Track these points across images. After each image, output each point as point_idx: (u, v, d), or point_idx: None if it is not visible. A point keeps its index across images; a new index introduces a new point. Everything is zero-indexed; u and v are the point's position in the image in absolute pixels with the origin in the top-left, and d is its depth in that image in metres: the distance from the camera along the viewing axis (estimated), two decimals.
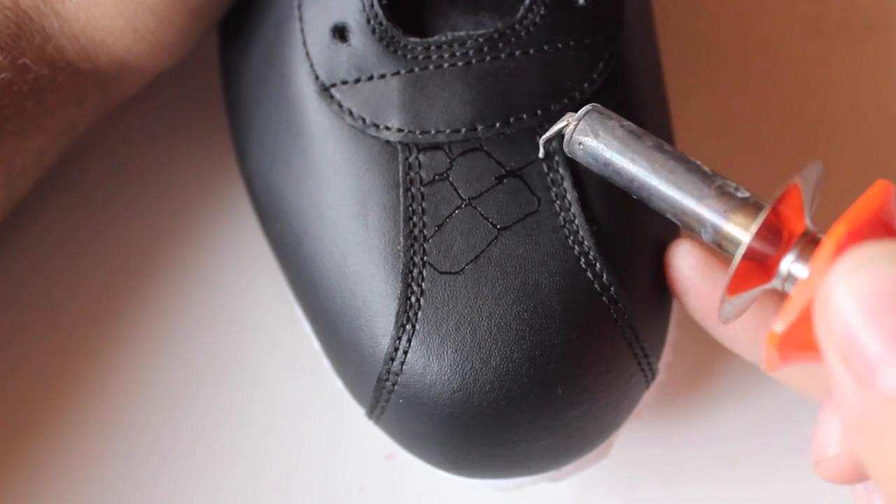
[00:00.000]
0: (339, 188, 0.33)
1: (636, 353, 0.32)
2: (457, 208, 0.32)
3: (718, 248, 0.29)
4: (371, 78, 0.33)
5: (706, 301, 0.33)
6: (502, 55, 0.33)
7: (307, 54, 0.34)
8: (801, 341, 0.26)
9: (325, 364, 0.35)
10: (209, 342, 0.39)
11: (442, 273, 0.32)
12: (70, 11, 0.35)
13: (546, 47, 0.33)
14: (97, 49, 0.36)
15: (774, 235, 0.28)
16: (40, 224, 0.40)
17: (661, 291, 0.33)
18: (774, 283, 0.28)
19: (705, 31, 0.43)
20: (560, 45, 0.33)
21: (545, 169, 0.33)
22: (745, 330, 0.32)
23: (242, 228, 0.39)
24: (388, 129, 0.33)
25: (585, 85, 0.33)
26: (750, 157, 0.42)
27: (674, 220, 0.30)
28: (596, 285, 0.32)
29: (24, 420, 0.38)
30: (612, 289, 0.32)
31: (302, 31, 0.34)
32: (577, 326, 0.31)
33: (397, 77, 0.33)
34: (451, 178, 0.33)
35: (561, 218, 0.32)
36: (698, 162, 0.29)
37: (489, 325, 0.31)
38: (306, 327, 0.36)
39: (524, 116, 0.33)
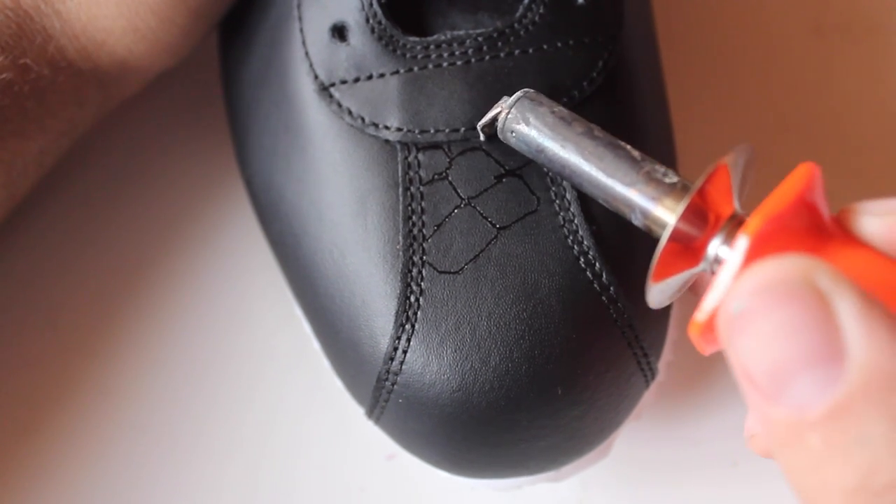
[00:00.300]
0: (339, 187, 0.33)
1: (636, 353, 0.32)
2: (456, 208, 0.32)
3: (650, 232, 0.29)
4: (370, 77, 0.33)
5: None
6: (501, 54, 0.33)
7: (307, 54, 0.34)
8: None
9: (324, 364, 0.35)
10: (209, 342, 0.39)
11: (441, 272, 0.32)
12: (71, 11, 0.35)
13: (545, 46, 0.33)
14: (98, 49, 0.36)
15: (701, 219, 0.27)
16: (40, 224, 0.40)
17: None
18: (703, 267, 0.27)
19: (705, 31, 0.43)
20: (559, 45, 0.33)
21: (544, 168, 0.33)
22: None
23: (242, 228, 0.39)
24: (387, 128, 0.33)
25: (585, 84, 0.33)
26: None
27: (606, 205, 0.30)
28: (595, 285, 0.32)
29: (23, 419, 0.38)
30: (611, 288, 0.32)
31: (301, 30, 0.34)
32: (576, 326, 0.31)
33: (396, 76, 0.33)
34: (450, 178, 0.33)
35: (560, 217, 0.32)
36: (628, 147, 0.29)
37: (488, 325, 0.31)
38: (306, 327, 0.36)
39: None
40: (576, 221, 0.32)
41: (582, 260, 0.32)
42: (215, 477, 0.38)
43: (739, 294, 0.23)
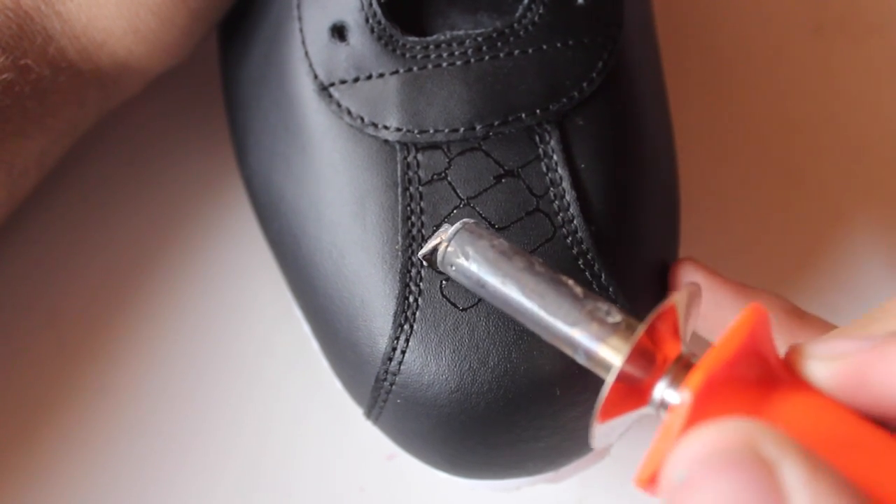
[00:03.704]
0: (338, 187, 0.33)
1: None
2: (455, 208, 0.32)
3: (594, 371, 0.28)
4: (370, 77, 0.33)
5: (709, 320, 0.33)
6: (501, 54, 0.33)
7: (306, 53, 0.34)
8: None
9: (323, 364, 0.35)
10: (208, 342, 0.39)
11: (440, 273, 0.32)
12: (71, 12, 0.35)
13: (545, 47, 0.33)
14: (98, 50, 0.36)
15: (648, 360, 0.26)
16: (40, 223, 0.40)
17: (659, 292, 0.33)
18: (649, 409, 0.27)
19: (705, 30, 0.43)
20: (559, 45, 0.33)
21: (544, 169, 0.33)
22: None
23: (241, 227, 0.39)
24: (386, 128, 0.33)
25: (584, 84, 0.33)
26: (750, 157, 0.42)
27: (550, 343, 0.29)
28: (594, 285, 0.32)
29: (22, 418, 0.38)
30: (610, 289, 0.32)
31: (301, 30, 0.34)
32: None
33: (396, 76, 0.33)
34: (449, 178, 0.33)
35: (559, 218, 0.32)
36: (570, 283, 0.28)
37: (487, 326, 0.31)
38: (305, 327, 0.36)
39: (523, 116, 0.33)
40: (575, 222, 0.32)
41: (581, 261, 0.32)
42: (215, 477, 0.38)
43: (682, 461, 0.23)
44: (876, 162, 0.42)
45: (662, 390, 0.26)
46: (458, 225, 0.30)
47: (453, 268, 0.30)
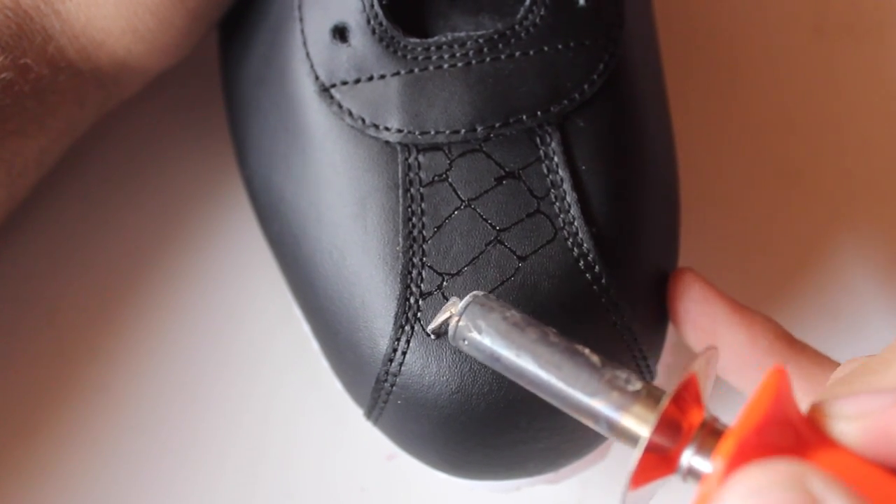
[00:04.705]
0: (339, 189, 0.33)
1: (635, 356, 0.32)
2: (456, 209, 0.32)
3: (617, 440, 0.27)
4: (371, 78, 0.33)
5: (703, 332, 0.33)
6: (502, 56, 0.33)
7: (307, 54, 0.34)
8: None
9: (323, 364, 0.35)
10: (208, 342, 0.39)
11: (441, 274, 0.32)
12: (70, 12, 0.35)
13: (546, 48, 0.33)
14: (98, 49, 0.36)
15: (674, 429, 0.26)
16: (40, 223, 0.40)
17: (659, 294, 0.33)
18: (676, 475, 0.27)
19: (706, 31, 0.43)
20: (560, 46, 0.33)
21: (545, 170, 0.33)
22: (734, 359, 0.33)
23: (242, 228, 0.39)
24: (387, 129, 0.33)
25: (585, 86, 0.33)
26: (750, 157, 0.42)
27: (570, 415, 0.28)
28: (595, 287, 0.32)
29: (21, 417, 0.38)
30: (610, 291, 0.32)
31: (302, 31, 0.34)
32: (575, 328, 0.31)
33: (397, 78, 0.33)
34: (450, 179, 0.33)
35: (560, 219, 0.32)
36: (587, 352, 0.28)
37: None
38: (305, 327, 0.36)
39: (524, 117, 0.33)
40: (576, 224, 0.32)
41: (581, 262, 0.32)
42: (215, 476, 0.38)
43: (732, 498, 0.23)
44: (876, 162, 0.42)
45: (689, 458, 0.26)
46: (468, 298, 0.29)
47: (466, 342, 0.29)
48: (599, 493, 0.38)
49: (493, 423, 0.31)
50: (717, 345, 0.32)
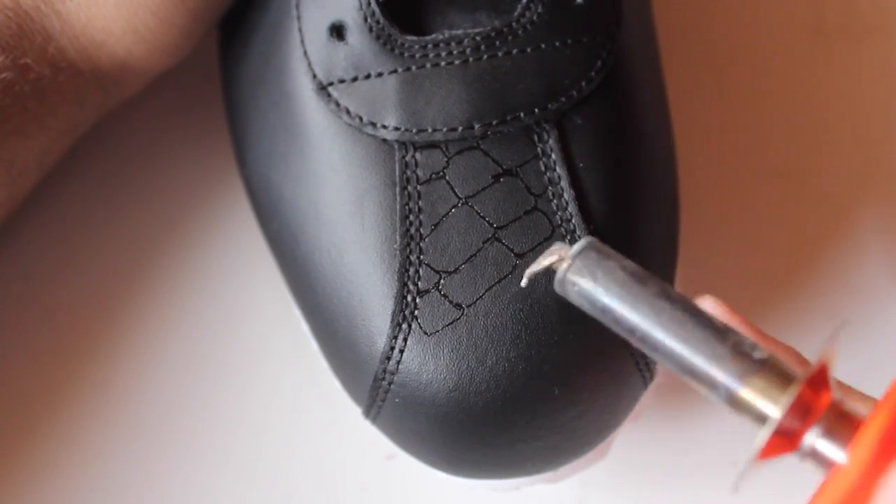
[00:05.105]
0: (336, 186, 0.33)
1: (633, 353, 0.32)
2: (453, 207, 0.32)
3: (732, 411, 0.26)
4: (368, 76, 0.33)
5: None
6: (499, 54, 0.33)
7: (305, 53, 0.34)
8: None
9: (322, 363, 0.35)
10: (207, 341, 0.39)
11: (438, 272, 0.32)
12: (71, 12, 0.35)
13: (543, 46, 0.33)
14: (98, 49, 0.36)
15: (803, 409, 0.25)
16: (39, 223, 0.40)
17: None
18: (796, 454, 0.25)
19: (705, 30, 0.43)
20: (557, 44, 0.33)
21: (542, 168, 0.33)
22: None
23: (240, 227, 0.39)
24: (384, 127, 0.33)
25: (583, 84, 0.33)
26: (750, 157, 0.41)
27: (679, 375, 0.26)
28: None
29: (21, 417, 0.38)
30: None
31: (300, 29, 0.34)
32: (573, 326, 0.31)
33: (394, 75, 0.33)
34: (447, 177, 0.33)
35: (558, 217, 0.32)
36: (708, 313, 0.26)
37: (485, 325, 0.31)
38: (304, 326, 0.36)
39: (521, 115, 0.33)
40: (573, 221, 0.32)
41: None
42: (214, 476, 0.38)
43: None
44: (876, 162, 0.42)
45: (815, 440, 0.25)
46: (583, 242, 0.28)
47: (576, 289, 0.27)
48: (599, 492, 0.38)
49: (491, 421, 0.31)
50: None
